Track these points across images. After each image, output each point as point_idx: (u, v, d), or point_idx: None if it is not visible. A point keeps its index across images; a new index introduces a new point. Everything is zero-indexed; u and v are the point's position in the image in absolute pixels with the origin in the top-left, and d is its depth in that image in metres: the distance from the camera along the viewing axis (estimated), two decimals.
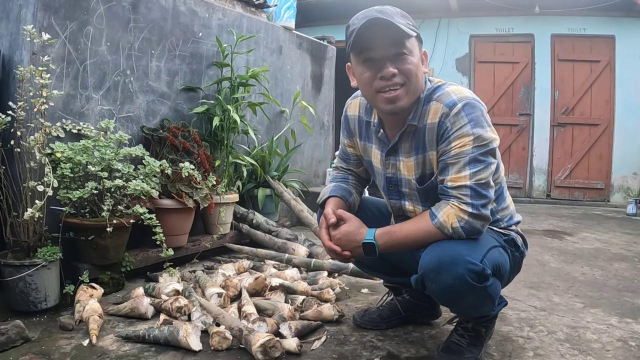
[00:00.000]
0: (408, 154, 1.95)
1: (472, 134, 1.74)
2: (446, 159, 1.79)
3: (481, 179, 1.74)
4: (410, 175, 1.97)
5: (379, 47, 1.75)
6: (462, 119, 1.75)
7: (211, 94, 3.91)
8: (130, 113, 3.28)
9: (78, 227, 2.66)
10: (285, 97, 4.95)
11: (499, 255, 1.87)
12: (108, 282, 2.79)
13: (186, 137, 3.35)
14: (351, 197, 2.17)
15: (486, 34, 8.72)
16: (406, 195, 2.05)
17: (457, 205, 1.74)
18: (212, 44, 3.90)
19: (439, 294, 1.82)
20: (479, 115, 1.76)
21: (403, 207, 2.09)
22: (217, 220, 3.52)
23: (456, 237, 1.75)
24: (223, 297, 2.47)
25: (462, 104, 1.76)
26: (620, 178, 8.22)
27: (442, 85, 1.89)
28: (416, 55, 1.80)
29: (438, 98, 1.83)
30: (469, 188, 1.73)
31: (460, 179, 1.74)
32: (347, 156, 2.28)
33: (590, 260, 3.99)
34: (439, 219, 1.77)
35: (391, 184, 2.07)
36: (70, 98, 2.90)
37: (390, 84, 1.77)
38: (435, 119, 1.82)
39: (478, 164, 1.74)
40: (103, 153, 2.72)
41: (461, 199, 1.74)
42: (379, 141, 2.04)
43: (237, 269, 3.10)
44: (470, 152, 1.74)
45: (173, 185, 3.11)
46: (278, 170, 4.53)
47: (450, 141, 1.77)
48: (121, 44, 3.18)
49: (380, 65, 1.76)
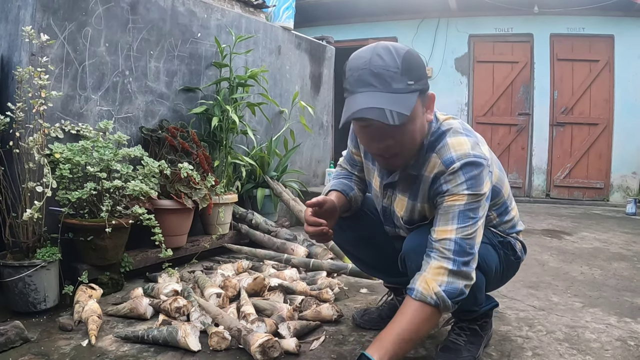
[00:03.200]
0: (403, 193, 1.93)
1: (467, 195, 1.69)
2: (438, 210, 1.76)
3: (468, 234, 1.69)
4: (400, 212, 1.97)
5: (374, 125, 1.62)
6: (458, 178, 1.70)
7: (210, 95, 3.91)
8: (129, 114, 3.28)
9: (77, 227, 2.66)
10: (284, 98, 4.95)
11: (486, 251, 1.89)
12: (107, 283, 2.78)
13: (185, 137, 3.35)
14: (352, 191, 2.13)
15: (485, 33, 8.73)
16: (397, 226, 2.06)
17: (437, 262, 1.69)
18: (211, 44, 3.90)
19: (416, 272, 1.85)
20: (477, 174, 1.70)
21: (399, 234, 2.09)
22: (216, 221, 3.52)
23: (442, 308, 1.68)
24: (222, 297, 2.47)
25: (460, 163, 1.69)
26: (619, 177, 8.22)
27: (446, 131, 1.79)
28: (417, 117, 1.67)
29: (438, 151, 1.77)
30: (452, 242, 1.68)
31: (446, 232, 1.70)
32: (353, 162, 2.23)
33: (590, 259, 3.99)
34: (418, 289, 1.69)
35: (386, 213, 2.07)
36: (69, 99, 2.90)
37: (386, 154, 1.72)
38: (431, 173, 1.79)
39: (467, 220, 1.69)
40: (102, 154, 2.72)
41: (443, 253, 1.68)
42: (381, 170, 2.00)
43: (236, 269, 3.10)
44: (462, 207, 1.69)
45: (172, 186, 3.11)
46: (277, 170, 4.53)
47: (444, 196, 1.73)
48: (120, 44, 3.18)
49: (376, 137, 1.67)
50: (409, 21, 9.01)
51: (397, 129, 1.61)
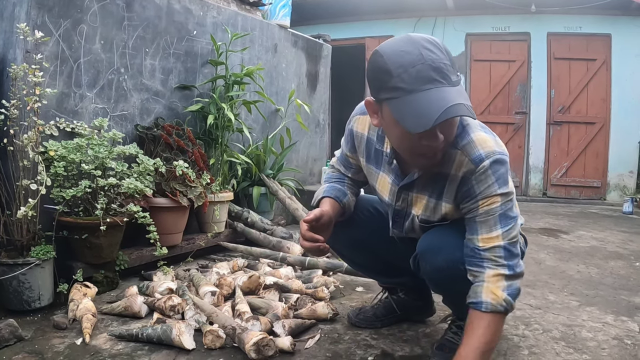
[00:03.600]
0: (422, 191, 1.84)
1: (500, 194, 1.65)
2: (474, 216, 1.69)
3: (513, 237, 1.66)
4: (418, 212, 1.88)
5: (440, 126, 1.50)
6: (489, 178, 1.64)
7: (206, 92, 3.90)
8: (124, 111, 3.27)
9: (72, 225, 2.65)
10: (281, 96, 4.94)
11: None
12: (102, 281, 2.77)
13: (180, 135, 3.34)
14: (345, 197, 2.07)
15: (482, 32, 8.71)
16: (408, 230, 1.98)
17: (494, 271, 1.65)
18: (207, 42, 3.88)
19: (431, 274, 1.85)
20: (505, 172, 1.66)
21: (407, 236, 2.03)
22: (212, 219, 3.51)
23: (510, 310, 1.64)
24: (217, 295, 2.46)
25: (490, 161, 1.63)
26: (616, 176, 8.22)
27: (466, 127, 1.71)
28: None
29: (464, 148, 1.68)
30: (502, 248, 1.64)
31: (493, 240, 1.65)
32: (347, 163, 2.15)
33: (586, 258, 3.99)
34: (487, 301, 1.63)
35: (398, 216, 1.98)
36: (64, 96, 2.88)
37: (436, 151, 1.60)
38: (459, 172, 1.70)
39: (509, 221, 1.66)
40: (96, 151, 2.70)
41: (496, 261, 1.65)
42: (392, 171, 1.90)
43: (232, 268, 3.08)
44: (500, 209, 1.65)
45: (167, 184, 3.10)
46: (273, 168, 4.51)
47: (477, 200, 1.67)
48: (115, 42, 3.17)
49: (430, 134, 1.52)
50: (406, 20, 8.98)
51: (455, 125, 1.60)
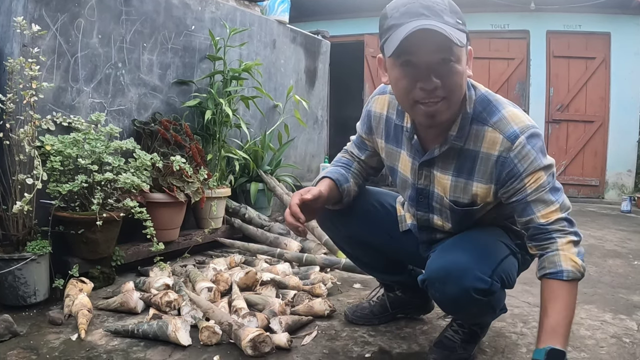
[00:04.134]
0: (446, 170, 1.78)
1: (544, 167, 1.61)
2: (524, 197, 1.63)
3: (568, 206, 1.64)
4: (444, 193, 1.81)
5: (423, 53, 1.48)
6: (529, 153, 1.61)
7: (204, 88, 3.87)
8: (121, 106, 3.25)
9: (68, 220, 2.63)
10: (279, 92, 4.91)
11: (510, 265, 1.81)
12: (98, 277, 2.75)
13: (178, 130, 3.32)
14: (347, 183, 1.99)
15: (481, 29, 8.66)
16: (436, 209, 1.90)
17: (565, 239, 1.61)
18: (205, 37, 3.86)
19: (442, 302, 1.82)
20: (542, 145, 1.64)
21: (430, 220, 1.94)
22: (209, 215, 3.50)
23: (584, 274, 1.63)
24: (213, 291, 2.44)
25: (525, 136, 1.61)
26: (614, 175, 8.25)
27: (494, 102, 1.69)
28: (463, 61, 1.54)
29: (495, 125, 1.65)
30: (564, 220, 1.61)
31: (553, 214, 1.60)
32: (362, 145, 2.08)
33: (584, 256, 3.93)
34: (568, 269, 1.59)
35: (422, 195, 1.89)
36: (61, 91, 2.86)
37: (432, 96, 1.54)
38: (493, 151, 1.66)
39: (559, 192, 1.63)
40: (93, 146, 2.68)
41: (564, 230, 1.61)
42: (412, 148, 1.82)
43: (229, 264, 3.07)
44: (547, 183, 1.61)
45: (164, 179, 3.09)
46: (271, 164, 4.49)
47: (523, 178, 1.62)
48: (113, 36, 3.14)
49: (422, 73, 1.51)
50: None
51: (446, 65, 1.50)
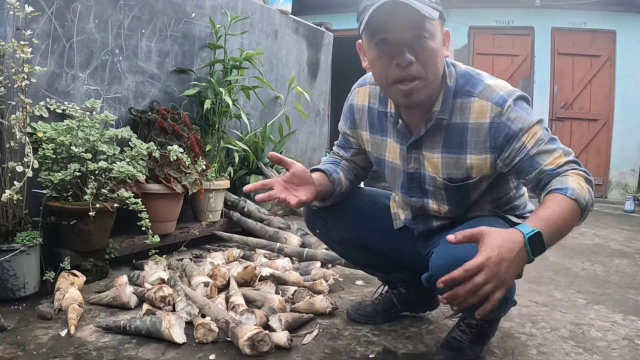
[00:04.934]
0: (434, 149, 1.76)
1: (535, 121, 1.60)
2: (527, 153, 1.59)
3: (569, 151, 1.59)
4: (436, 173, 1.78)
5: (396, 29, 1.51)
6: (520, 113, 1.60)
7: (203, 77, 3.79)
8: (118, 94, 3.15)
9: (60, 211, 2.55)
10: (280, 83, 4.83)
11: None
12: (91, 270, 2.68)
13: (176, 119, 3.23)
14: (336, 174, 1.96)
15: (485, 25, 8.66)
16: (430, 192, 1.85)
17: (576, 171, 1.54)
18: (205, 25, 3.77)
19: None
20: (529, 106, 1.66)
21: (425, 206, 1.89)
22: (207, 207, 3.40)
23: (587, 210, 1.52)
24: (210, 286, 2.35)
25: (513, 99, 1.61)
26: (618, 174, 8.21)
27: (476, 76, 1.70)
28: (438, 38, 1.56)
29: (481, 94, 1.65)
30: (572, 162, 1.56)
31: (559, 158, 1.56)
32: (347, 144, 2.07)
33: (591, 255, 3.93)
34: (572, 188, 1.48)
35: (413, 180, 1.86)
36: (55, 76, 2.77)
37: (407, 74, 1.55)
38: (484, 119, 1.64)
39: (556, 141, 1.61)
40: (87, 134, 2.59)
41: (575, 169, 1.54)
42: (398, 133, 1.81)
43: (227, 258, 2.99)
44: (544, 135, 1.59)
45: (161, 170, 2.99)
46: None
47: (520, 137, 1.60)
48: (110, 21, 3.05)
49: (396, 50, 1.53)
50: None
51: (420, 41, 1.51)
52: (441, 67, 1.63)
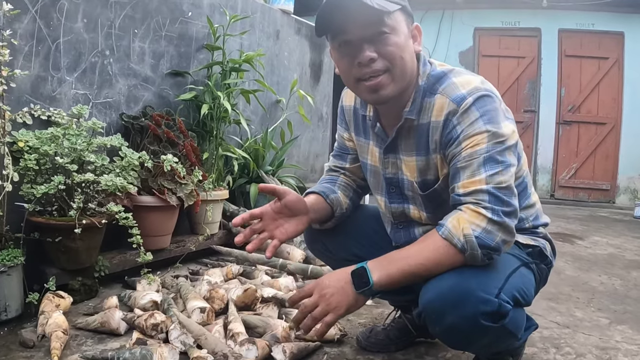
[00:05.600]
0: (409, 152, 1.66)
1: (486, 131, 1.43)
2: (456, 163, 1.47)
3: (500, 182, 1.40)
4: (413, 177, 1.67)
5: (354, 29, 1.46)
6: (472, 114, 1.45)
7: (200, 80, 3.59)
8: (108, 98, 2.96)
9: (44, 227, 2.36)
10: (282, 86, 4.63)
11: (523, 278, 1.54)
12: (79, 289, 2.49)
13: (170, 126, 3.02)
14: (334, 194, 1.84)
15: (491, 27, 8.54)
16: (409, 198, 1.74)
17: (472, 209, 1.40)
18: (203, 25, 3.57)
19: (446, 338, 1.53)
20: (494, 108, 1.46)
21: (407, 212, 1.77)
22: (204, 220, 3.19)
23: (468, 256, 1.39)
24: (206, 312, 2.13)
25: (473, 98, 1.46)
26: (626, 179, 8.08)
27: (447, 73, 1.57)
28: (401, 32, 1.49)
29: (443, 91, 1.53)
30: (486, 193, 1.40)
31: (475, 183, 1.41)
32: (344, 151, 1.95)
33: (607, 267, 3.81)
34: (447, 226, 1.41)
35: (392, 185, 1.76)
36: (40, 80, 2.58)
37: (370, 70, 1.47)
38: (440, 117, 1.53)
39: (495, 165, 1.41)
40: (73, 143, 2.39)
41: (478, 203, 1.40)
42: (377, 137, 1.74)
43: (225, 275, 2.80)
44: (485, 150, 1.42)
45: (154, 180, 2.79)
46: (272, 164, 4.22)
47: (460, 142, 1.46)
48: (100, 21, 2.86)
49: (357, 49, 1.47)
50: (413, 12, 8.76)
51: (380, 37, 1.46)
52: (411, 62, 1.54)
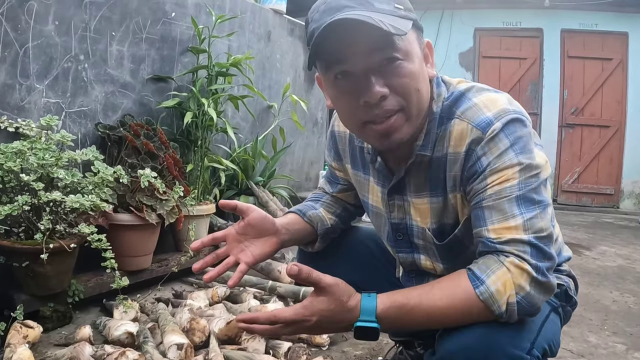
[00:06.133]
0: (420, 193, 1.36)
1: (518, 163, 1.15)
2: (481, 202, 1.18)
3: (541, 229, 1.13)
4: (425, 223, 1.39)
5: (356, 57, 1.15)
6: (500, 142, 1.16)
7: (185, 85, 3.40)
8: (83, 107, 2.76)
9: (9, 250, 2.17)
10: (274, 90, 4.45)
11: (553, 327, 1.30)
12: (50, 316, 2.31)
13: (150, 136, 2.81)
14: (312, 210, 1.60)
15: (492, 27, 8.39)
16: (420, 247, 1.45)
17: (517, 265, 1.10)
18: (187, 26, 3.37)
19: None
20: (525, 136, 1.18)
21: (417, 262, 1.49)
22: (187, 237, 2.97)
23: (504, 320, 1.11)
24: (184, 349, 1.91)
25: (502, 122, 1.17)
26: (630, 183, 7.96)
27: (465, 92, 1.27)
28: (415, 56, 1.19)
29: (463, 115, 1.23)
30: (527, 244, 1.11)
31: (511, 230, 1.13)
32: (334, 178, 1.69)
33: (618, 282, 3.65)
34: (490, 288, 1.11)
35: (399, 232, 1.47)
36: (6, 88, 2.41)
37: (381, 112, 1.17)
38: (461, 147, 1.23)
39: (532, 207, 1.14)
40: (40, 158, 2.18)
41: (521, 257, 1.11)
42: (378, 173, 1.45)
43: (211, 298, 2.61)
44: (517, 188, 1.14)
45: (132, 196, 2.58)
46: (263, 175, 4.02)
47: (486, 176, 1.18)
48: (73, 23, 2.68)
49: (362, 83, 1.16)
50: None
51: (391, 65, 1.14)
52: (426, 93, 1.24)
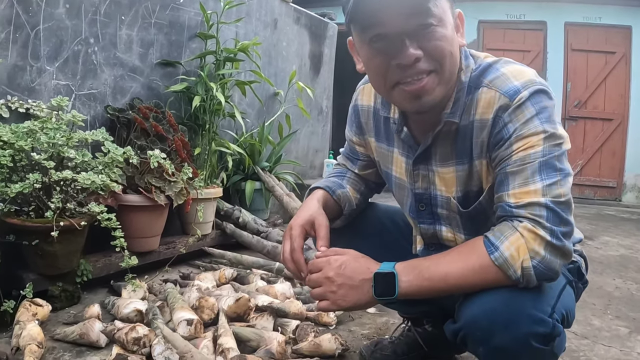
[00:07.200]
0: (446, 162, 1.40)
1: (543, 131, 1.19)
2: (505, 167, 1.23)
3: (560, 194, 1.16)
4: (450, 192, 1.42)
5: (392, 20, 1.18)
6: (527, 110, 1.21)
7: (193, 70, 3.40)
8: (93, 90, 2.77)
9: (19, 229, 2.17)
10: (280, 78, 4.45)
11: (569, 297, 1.33)
12: (59, 296, 2.31)
13: (159, 119, 2.83)
14: (341, 189, 1.63)
15: (496, 19, 8.39)
16: (443, 218, 1.49)
17: (530, 229, 1.14)
18: (196, 12, 3.38)
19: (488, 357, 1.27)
20: (550, 107, 1.22)
21: (439, 234, 1.53)
22: (195, 220, 3.00)
23: (522, 285, 1.16)
24: (194, 324, 1.93)
25: (529, 91, 1.21)
26: (633, 177, 7.98)
27: (493, 64, 1.32)
28: (448, 23, 1.22)
29: (491, 83, 1.27)
30: (544, 207, 1.15)
31: (530, 194, 1.17)
32: (353, 154, 1.72)
33: (620, 270, 3.70)
34: (504, 254, 1.15)
35: (422, 202, 1.50)
36: (17, 70, 2.41)
37: (413, 72, 1.21)
38: (488, 114, 1.27)
39: (553, 173, 1.17)
40: (51, 137, 2.20)
41: (535, 220, 1.15)
42: (403, 144, 1.48)
43: (218, 279, 2.62)
44: (541, 154, 1.18)
45: (141, 178, 2.60)
46: (269, 160, 4.03)
47: (512, 142, 1.22)
48: (84, 6, 2.68)
49: (396, 45, 1.20)
50: None
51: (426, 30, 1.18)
52: (457, 59, 1.28)
